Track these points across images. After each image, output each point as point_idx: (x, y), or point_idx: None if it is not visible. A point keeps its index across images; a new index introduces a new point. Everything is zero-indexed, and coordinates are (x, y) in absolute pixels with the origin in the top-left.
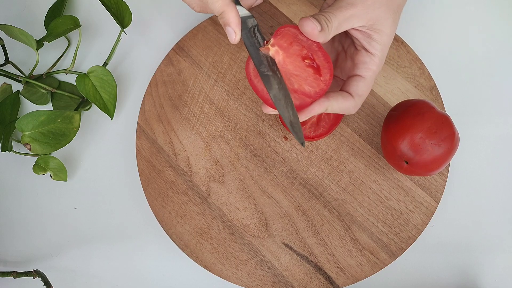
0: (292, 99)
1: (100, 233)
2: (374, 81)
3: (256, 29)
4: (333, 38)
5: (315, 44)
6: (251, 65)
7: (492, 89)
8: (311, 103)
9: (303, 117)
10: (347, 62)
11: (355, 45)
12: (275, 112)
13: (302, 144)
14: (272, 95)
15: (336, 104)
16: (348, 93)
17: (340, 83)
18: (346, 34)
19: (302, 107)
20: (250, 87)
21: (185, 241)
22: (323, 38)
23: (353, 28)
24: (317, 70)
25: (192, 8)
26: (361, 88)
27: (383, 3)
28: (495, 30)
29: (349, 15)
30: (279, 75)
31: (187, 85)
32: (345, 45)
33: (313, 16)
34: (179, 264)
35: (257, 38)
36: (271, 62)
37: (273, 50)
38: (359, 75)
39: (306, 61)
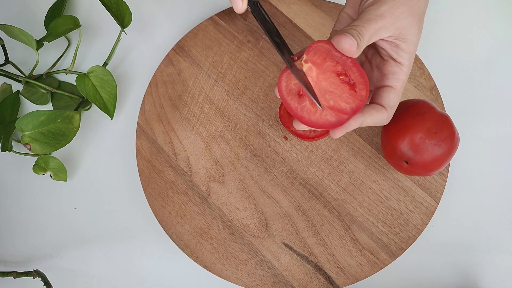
0: (328, 117)
1: (100, 233)
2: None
3: (258, 4)
4: None
5: (349, 60)
6: (284, 83)
7: (492, 89)
8: (347, 119)
9: (338, 134)
10: (374, 73)
11: (381, 55)
12: (308, 128)
13: (319, 105)
14: (286, 60)
15: (370, 119)
16: (381, 105)
17: None
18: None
19: (339, 124)
20: (250, 87)
21: (185, 241)
22: (357, 53)
23: (380, 39)
24: (352, 86)
25: None
26: (392, 99)
27: (409, 12)
28: (495, 31)
29: (378, 27)
30: (285, 43)
31: (187, 85)
32: (369, 55)
33: (347, 31)
34: (179, 264)
35: (260, 10)
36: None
37: (307, 67)
38: (389, 86)
39: (341, 77)
